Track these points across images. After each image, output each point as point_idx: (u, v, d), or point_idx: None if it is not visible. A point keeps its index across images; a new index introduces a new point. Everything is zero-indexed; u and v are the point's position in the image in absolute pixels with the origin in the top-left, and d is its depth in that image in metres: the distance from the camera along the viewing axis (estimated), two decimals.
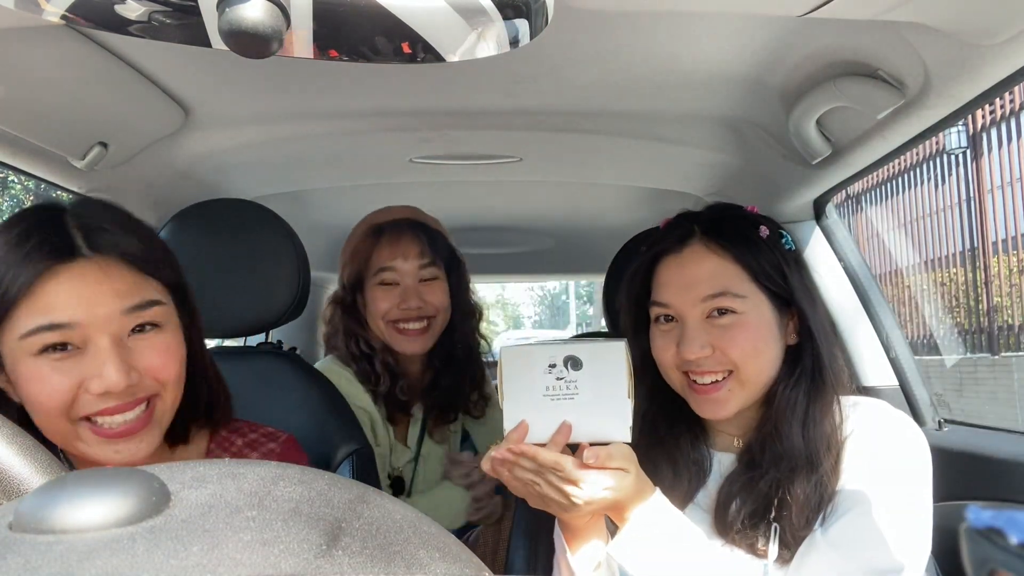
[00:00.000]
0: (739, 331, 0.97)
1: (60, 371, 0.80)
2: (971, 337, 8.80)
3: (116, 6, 0.53)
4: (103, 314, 0.81)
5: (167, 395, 0.87)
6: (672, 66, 1.19)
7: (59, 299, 0.79)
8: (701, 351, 0.96)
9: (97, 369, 0.80)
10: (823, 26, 1.01)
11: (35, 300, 0.79)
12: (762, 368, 0.98)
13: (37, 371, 0.80)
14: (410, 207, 1.62)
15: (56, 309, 0.79)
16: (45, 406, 0.80)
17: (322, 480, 0.35)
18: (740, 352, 0.97)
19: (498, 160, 1.64)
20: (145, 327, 0.85)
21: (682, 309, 0.99)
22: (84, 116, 1.21)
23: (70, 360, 0.80)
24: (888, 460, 0.94)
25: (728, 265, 1.00)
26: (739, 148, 1.50)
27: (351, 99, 1.35)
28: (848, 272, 1.56)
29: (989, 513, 0.30)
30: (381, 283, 1.53)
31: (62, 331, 0.79)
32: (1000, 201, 8.41)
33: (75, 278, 0.80)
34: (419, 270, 1.53)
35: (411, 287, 1.52)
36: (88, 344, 0.81)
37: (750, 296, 0.99)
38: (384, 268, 1.52)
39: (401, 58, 0.56)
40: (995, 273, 8.42)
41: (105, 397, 0.81)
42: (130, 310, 0.83)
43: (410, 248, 1.52)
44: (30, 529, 0.28)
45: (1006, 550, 0.30)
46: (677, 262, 1.02)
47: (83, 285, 0.80)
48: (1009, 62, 0.87)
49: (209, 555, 0.27)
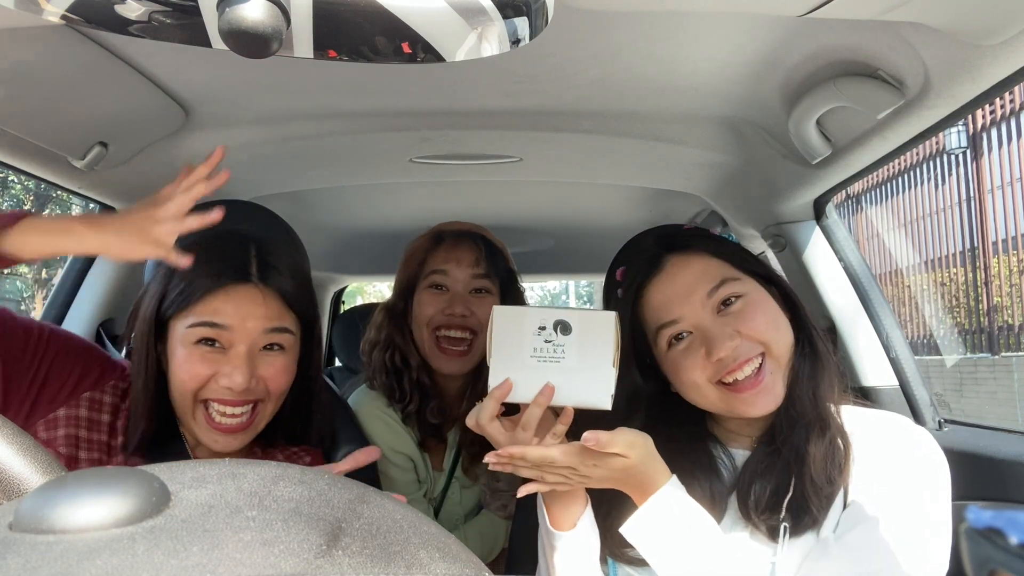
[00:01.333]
0: (752, 310, 0.99)
1: (204, 360, 1.03)
2: (971, 337, 8.80)
3: (116, 6, 0.52)
4: (250, 328, 1.05)
5: (269, 404, 1.08)
6: (672, 66, 1.19)
7: (224, 308, 1.04)
8: (731, 342, 0.96)
9: (230, 368, 1.03)
10: (823, 26, 1.00)
11: (208, 304, 1.04)
12: (784, 336, 1.00)
13: (189, 355, 1.04)
14: (473, 224, 1.58)
15: (219, 314, 1.04)
16: (184, 383, 1.04)
17: (322, 480, 0.35)
18: (762, 328, 0.98)
19: (498, 160, 1.64)
20: (274, 347, 1.08)
21: (694, 315, 0.99)
22: (84, 116, 1.21)
23: (214, 355, 1.04)
24: (906, 473, 0.94)
25: (711, 260, 1.03)
26: (739, 148, 1.50)
27: (351, 99, 1.35)
28: (848, 272, 1.56)
29: (989, 513, 0.30)
30: (431, 286, 1.47)
31: (217, 330, 1.04)
32: (1000, 201, 8.41)
33: (240, 297, 1.05)
34: (471, 279, 1.47)
35: (460, 294, 1.46)
36: (231, 348, 1.04)
37: (744, 279, 1.02)
38: (436, 271, 1.47)
39: (401, 58, 0.56)
40: (995, 273, 8.42)
41: (227, 391, 1.03)
42: (269, 331, 1.06)
43: (465, 255, 1.47)
44: (30, 529, 0.28)
45: (1006, 550, 0.30)
46: (665, 279, 1.03)
47: (244, 303, 1.05)
48: (1009, 62, 0.87)
49: (209, 555, 0.27)
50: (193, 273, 1.04)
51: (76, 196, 1.48)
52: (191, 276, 1.05)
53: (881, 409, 1.08)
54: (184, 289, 1.05)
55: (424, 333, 1.46)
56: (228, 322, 1.04)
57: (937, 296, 9.46)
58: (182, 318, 1.05)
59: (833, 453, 0.94)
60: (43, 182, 1.35)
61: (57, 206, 17.29)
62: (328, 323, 3.26)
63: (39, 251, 0.95)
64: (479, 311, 1.44)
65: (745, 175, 1.59)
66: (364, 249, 2.75)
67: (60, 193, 1.40)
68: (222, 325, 1.04)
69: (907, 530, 0.90)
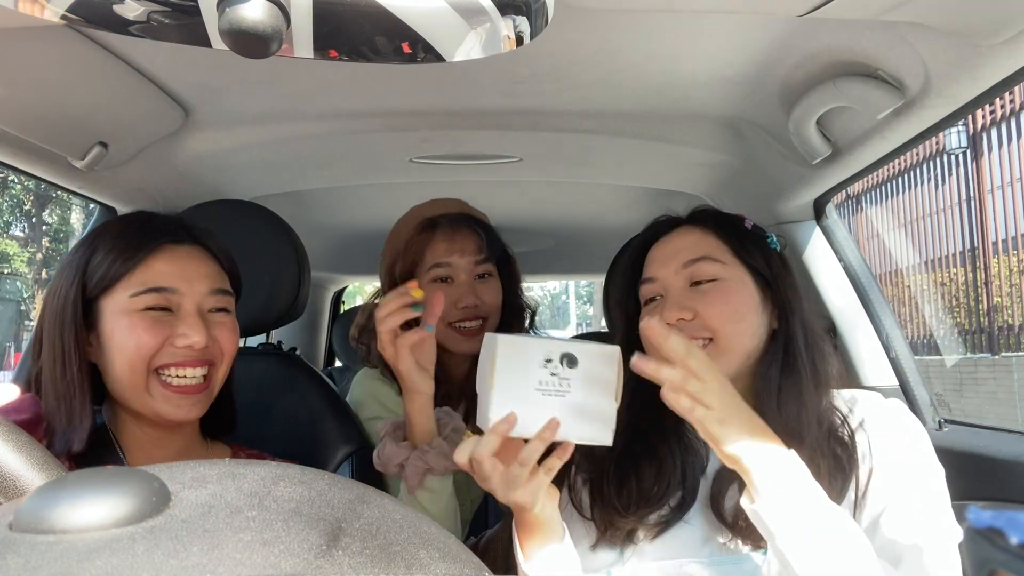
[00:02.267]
0: (719, 295, 0.99)
1: (155, 326, 1.00)
2: (971, 337, 8.80)
3: (116, 6, 0.52)
4: (197, 289, 1.03)
5: (222, 367, 1.06)
6: (672, 66, 1.19)
7: (167, 270, 1.02)
8: (680, 312, 0.98)
9: (184, 329, 1.00)
10: (823, 26, 1.01)
11: (147, 269, 1.01)
12: (741, 334, 0.98)
13: (135, 324, 0.99)
14: (459, 200, 1.54)
15: (164, 277, 1.01)
16: (133, 355, 0.99)
17: (322, 480, 0.35)
18: (719, 315, 0.97)
19: (498, 160, 1.64)
20: (220, 310, 1.06)
21: (665, 279, 1.02)
22: (84, 116, 1.21)
23: (164, 319, 1.01)
24: (905, 451, 0.94)
25: (711, 238, 1.04)
26: (739, 148, 1.50)
27: (351, 99, 1.35)
28: (848, 272, 1.56)
29: (989, 513, 0.30)
30: (435, 279, 1.44)
31: (165, 295, 1.01)
32: (1000, 201, 8.41)
33: (182, 257, 1.03)
34: (475, 267, 1.45)
35: (466, 284, 1.44)
36: (179, 310, 1.02)
37: (731, 265, 1.01)
38: (439, 264, 1.43)
39: (401, 58, 0.56)
40: (995, 273, 8.42)
41: (185, 351, 1.00)
42: (214, 292, 1.05)
43: (467, 243, 1.44)
44: (30, 529, 0.28)
45: (1006, 550, 0.30)
46: (665, 240, 1.07)
47: (187, 263, 1.03)
48: (1009, 62, 0.87)
49: (209, 555, 0.27)
50: (122, 243, 1.01)
51: (76, 196, 1.48)
52: (120, 247, 1.01)
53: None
54: (117, 259, 1.00)
55: (438, 325, 1.40)
56: (174, 284, 1.01)
57: (937, 296, 9.46)
58: (120, 290, 1.00)
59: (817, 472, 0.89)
60: (43, 182, 1.35)
61: (57, 206, 17.31)
62: (328, 323, 3.25)
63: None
64: (486, 297, 1.45)
65: (745, 175, 1.59)
66: (364, 249, 2.74)
67: (60, 193, 1.40)
68: (169, 288, 1.01)
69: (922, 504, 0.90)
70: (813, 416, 0.96)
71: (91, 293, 1.01)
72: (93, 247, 1.02)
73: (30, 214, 17.04)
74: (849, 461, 0.94)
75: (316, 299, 3.10)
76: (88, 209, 1.55)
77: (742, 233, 1.06)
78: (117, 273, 1.00)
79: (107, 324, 1.00)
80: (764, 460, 0.81)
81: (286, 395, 1.38)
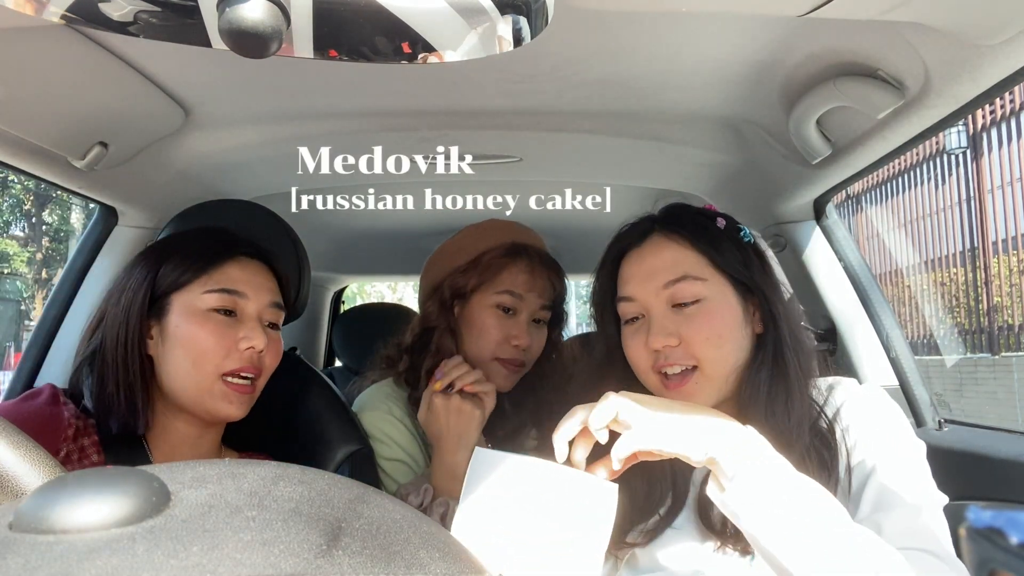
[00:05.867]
0: (704, 320, 0.97)
1: (221, 327, 1.08)
2: (971, 337, 8.80)
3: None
4: (261, 298, 1.12)
5: (261, 380, 1.13)
6: (672, 66, 1.19)
7: (240, 276, 1.11)
8: (667, 339, 0.96)
9: (249, 333, 1.09)
10: (823, 26, 1.01)
11: (223, 272, 1.10)
12: (725, 358, 0.98)
13: (205, 323, 1.07)
14: (538, 235, 1.51)
15: (236, 282, 1.11)
16: (204, 353, 1.06)
17: (322, 480, 0.35)
18: (704, 341, 0.96)
19: (498, 160, 1.64)
20: (273, 326, 1.15)
21: (646, 300, 1.00)
22: (84, 116, 1.21)
23: (229, 323, 1.09)
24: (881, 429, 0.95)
25: (687, 252, 1.01)
26: (739, 148, 1.50)
27: (351, 99, 1.35)
28: (848, 272, 1.56)
29: (989, 513, 0.30)
30: (500, 306, 1.38)
31: (233, 297, 1.10)
32: (1000, 201, 8.41)
33: (252, 268, 1.14)
34: (539, 310, 1.41)
35: (525, 323, 1.39)
36: (243, 315, 1.10)
37: (711, 280, 1.00)
38: (512, 293, 1.38)
39: (401, 58, 0.56)
40: (995, 273, 8.42)
41: (249, 354, 1.08)
42: (273, 305, 1.15)
43: (546, 285, 1.41)
44: (30, 529, 0.28)
45: (1006, 550, 0.30)
46: (638, 255, 1.04)
47: (256, 274, 1.14)
48: (1009, 62, 0.87)
49: (209, 555, 0.27)
50: (201, 247, 1.12)
51: (76, 196, 1.48)
52: (199, 250, 1.11)
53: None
54: (197, 260, 1.10)
55: (484, 354, 1.39)
56: (244, 289, 1.10)
57: (937, 296, 9.46)
58: (194, 288, 1.08)
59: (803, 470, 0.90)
60: (43, 182, 1.35)
61: (57, 206, 17.30)
62: (328, 323, 3.25)
63: None
64: (535, 343, 1.41)
65: (745, 175, 1.59)
66: (364, 249, 2.75)
67: (60, 193, 1.39)
68: (239, 292, 1.10)
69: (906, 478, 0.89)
70: (804, 420, 0.95)
71: (162, 290, 1.09)
72: (169, 251, 1.12)
73: (30, 214, 17.04)
74: (832, 461, 0.94)
75: (316, 299, 3.10)
76: (88, 209, 1.55)
77: (716, 238, 1.03)
78: (196, 272, 1.09)
79: (174, 318, 1.08)
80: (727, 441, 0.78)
81: (286, 395, 1.38)
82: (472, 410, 1.29)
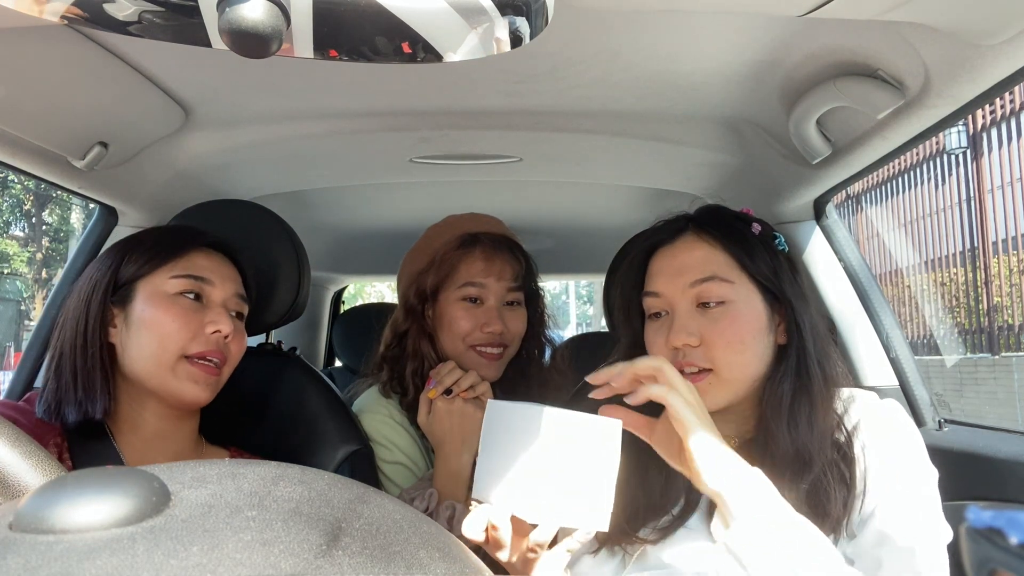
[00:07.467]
0: (728, 323, 0.97)
1: (188, 311, 1.08)
2: (971, 337, 8.80)
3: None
4: (227, 288, 1.14)
5: (226, 368, 1.14)
6: (672, 66, 1.19)
7: (207, 264, 1.13)
8: (688, 338, 0.96)
9: (216, 317, 1.10)
10: (823, 26, 1.01)
11: (188, 260, 1.12)
12: (744, 364, 0.97)
13: (172, 306, 1.07)
14: (496, 219, 1.50)
15: (203, 269, 1.12)
16: (169, 335, 1.06)
17: (322, 480, 0.35)
18: (725, 345, 0.96)
19: (498, 160, 1.64)
20: (237, 315, 1.16)
21: (672, 296, 1.00)
22: (84, 116, 1.21)
23: (196, 307, 1.10)
24: (899, 454, 0.94)
25: (718, 253, 1.01)
26: (739, 148, 1.50)
27: (351, 99, 1.35)
28: (848, 272, 1.56)
29: (989, 513, 0.30)
30: (466, 298, 1.39)
31: (200, 283, 1.11)
32: (1000, 201, 8.41)
33: (217, 260, 1.16)
34: (507, 292, 1.41)
35: (495, 309, 1.39)
36: (209, 301, 1.12)
37: (739, 284, 0.99)
38: (473, 283, 1.38)
39: (401, 58, 0.56)
40: (995, 273, 8.42)
41: (215, 338, 1.09)
42: (237, 296, 1.16)
43: (505, 268, 1.40)
44: (30, 529, 0.28)
45: (1006, 550, 0.30)
46: (669, 252, 1.04)
47: (221, 266, 1.16)
48: (1009, 62, 0.87)
49: (209, 555, 0.27)
50: (168, 239, 1.14)
51: (76, 196, 1.48)
52: (166, 241, 1.13)
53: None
54: (162, 250, 1.11)
55: (459, 346, 1.39)
56: (210, 276, 1.12)
57: (937, 296, 9.46)
58: (160, 273, 1.09)
59: (818, 493, 0.90)
60: (43, 182, 1.35)
61: (57, 206, 17.30)
62: (328, 323, 3.26)
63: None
64: (512, 325, 1.41)
65: (745, 175, 1.59)
66: (364, 249, 2.75)
67: (60, 193, 1.39)
68: (205, 279, 1.11)
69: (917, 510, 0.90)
70: (827, 434, 0.95)
71: (126, 278, 1.09)
72: (133, 243, 1.13)
73: (30, 214, 17.04)
74: (852, 479, 0.93)
75: (316, 299, 3.10)
76: (88, 209, 1.56)
77: (749, 243, 1.01)
78: (162, 259, 1.10)
79: (139, 304, 1.08)
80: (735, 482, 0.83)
81: (286, 395, 1.38)
82: (474, 412, 1.29)
